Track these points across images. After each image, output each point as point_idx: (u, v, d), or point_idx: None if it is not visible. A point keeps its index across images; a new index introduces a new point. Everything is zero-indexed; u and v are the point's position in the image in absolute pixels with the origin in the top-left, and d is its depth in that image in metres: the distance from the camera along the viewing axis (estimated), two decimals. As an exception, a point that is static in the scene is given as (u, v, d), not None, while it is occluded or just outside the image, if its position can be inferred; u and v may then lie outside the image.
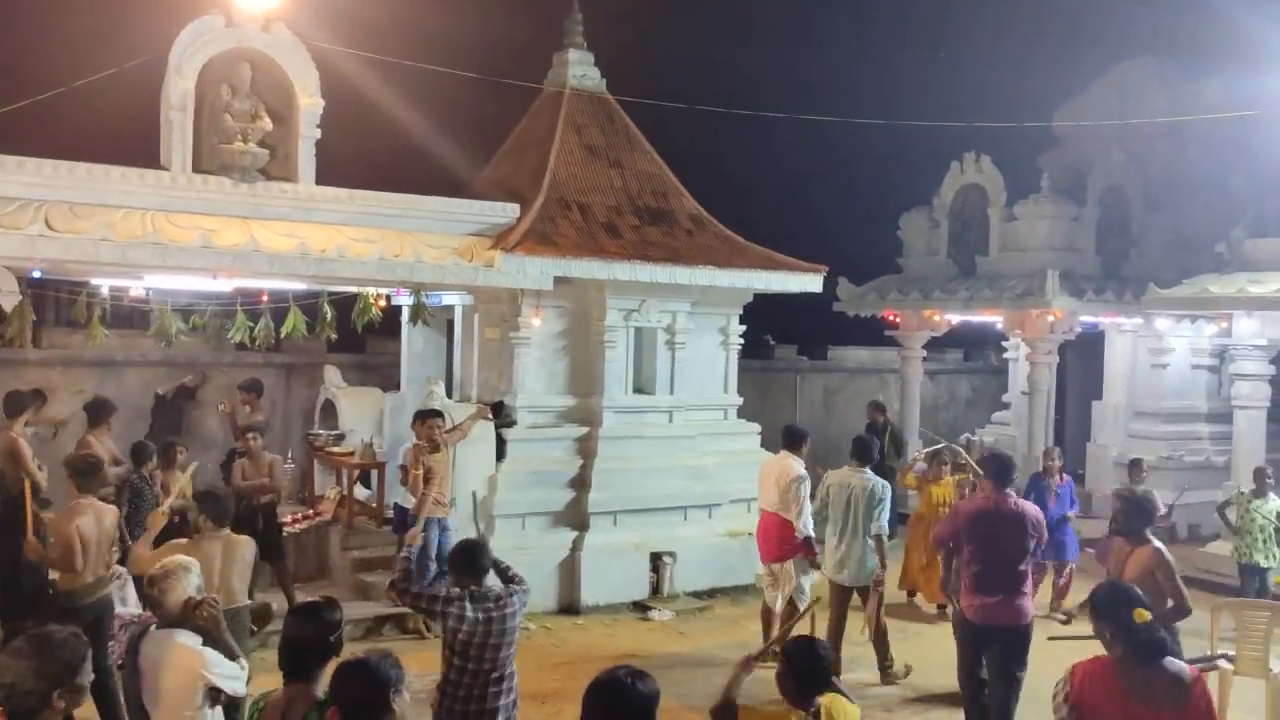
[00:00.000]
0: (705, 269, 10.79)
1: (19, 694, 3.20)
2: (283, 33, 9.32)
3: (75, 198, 8.37)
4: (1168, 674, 3.84)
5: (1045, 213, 14.31)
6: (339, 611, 4.05)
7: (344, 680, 3.30)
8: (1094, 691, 3.88)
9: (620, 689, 3.26)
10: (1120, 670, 3.87)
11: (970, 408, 19.32)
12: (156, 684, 4.41)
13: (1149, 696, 3.79)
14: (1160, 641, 3.88)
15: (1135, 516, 6.56)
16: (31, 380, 11.55)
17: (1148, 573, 6.20)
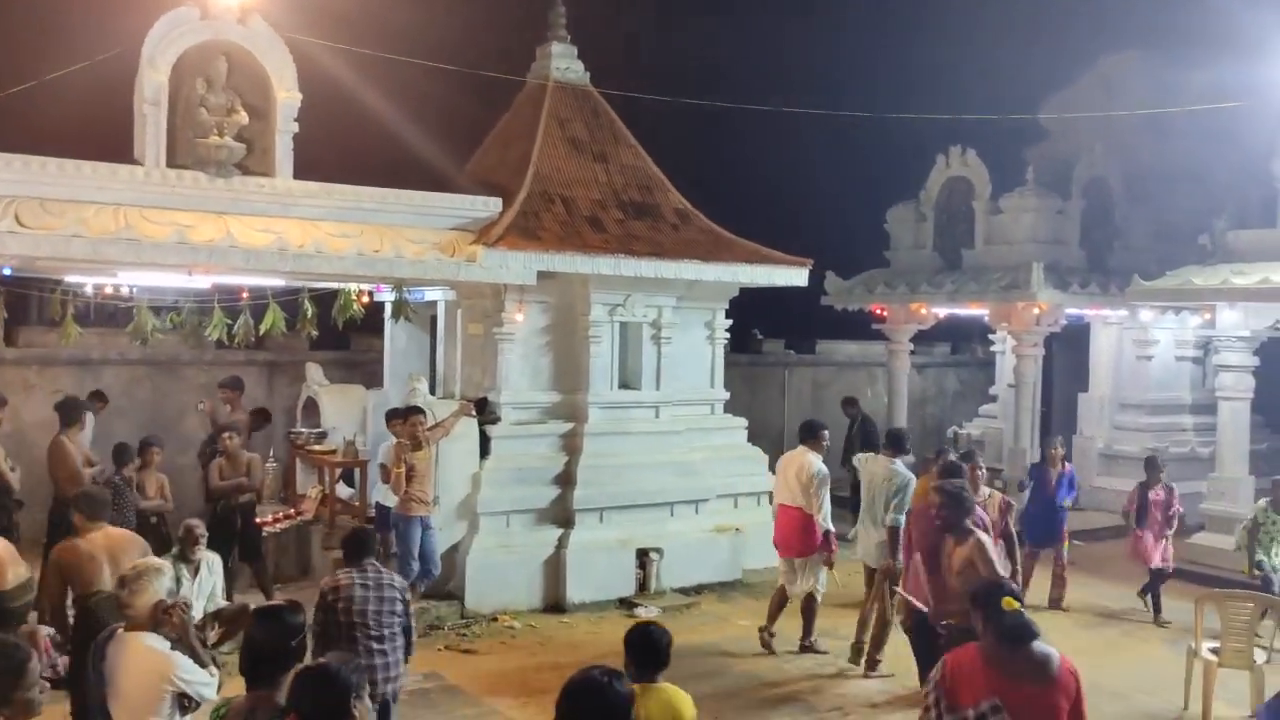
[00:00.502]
0: (690, 263, 10.70)
1: None
2: (259, 25, 9.17)
3: (46, 193, 8.20)
4: (1035, 655, 4.02)
5: (1030, 205, 14.28)
6: (302, 615, 3.93)
7: (303, 687, 3.19)
8: (963, 674, 4.07)
9: (596, 688, 3.21)
10: (988, 654, 4.07)
11: (958, 401, 19.30)
12: (122, 687, 4.30)
13: (1015, 674, 3.99)
14: (1027, 626, 4.04)
15: (955, 509, 6.39)
16: (7, 380, 11.42)
17: (969, 564, 6.24)
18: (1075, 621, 10.26)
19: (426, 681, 8.29)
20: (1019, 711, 3.93)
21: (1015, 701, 3.95)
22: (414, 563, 9.19)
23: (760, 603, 10.47)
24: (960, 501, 6.42)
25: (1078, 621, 10.29)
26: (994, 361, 17.28)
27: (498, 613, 9.82)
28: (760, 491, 11.80)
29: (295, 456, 11.45)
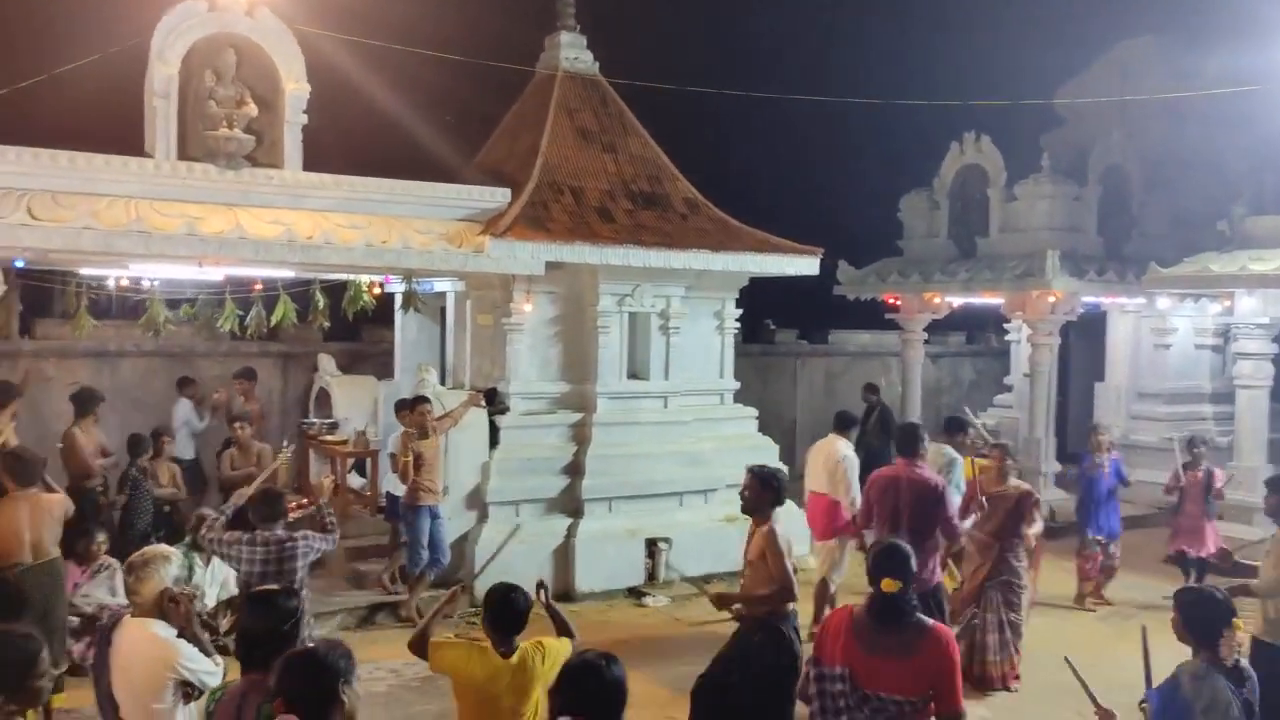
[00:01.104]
0: (699, 253, 10.68)
1: None
2: (267, 17, 9.21)
3: (58, 186, 8.28)
4: (900, 632, 4.16)
5: (1045, 192, 14.16)
6: (296, 600, 3.97)
7: (290, 672, 3.21)
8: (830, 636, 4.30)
9: (593, 670, 3.31)
10: (857, 622, 4.23)
11: (973, 390, 19.18)
12: (126, 674, 4.35)
13: (873, 645, 4.15)
14: (899, 605, 4.17)
15: (760, 492, 6.23)
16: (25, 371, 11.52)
17: (760, 554, 6.12)
18: (1097, 614, 10.20)
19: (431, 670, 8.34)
20: (868, 679, 4.11)
21: (864, 670, 4.13)
22: (423, 551, 9.25)
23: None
24: (767, 484, 6.21)
25: (1099, 613, 10.22)
26: (1009, 351, 17.16)
27: (507, 602, 9.85)
28: (771, 481, 11.78)
29: (308, 447, 11.53)
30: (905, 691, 4.10)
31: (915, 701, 4.11)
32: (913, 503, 7.27)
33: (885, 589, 4.17)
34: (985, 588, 7.98)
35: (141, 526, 8.82)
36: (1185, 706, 4.05)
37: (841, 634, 4.23)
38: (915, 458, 7.50)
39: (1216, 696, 4.03)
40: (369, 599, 9.59)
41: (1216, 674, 4.10)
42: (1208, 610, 4.27)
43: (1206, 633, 4.22)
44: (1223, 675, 4.11)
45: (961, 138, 15.14)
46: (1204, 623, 4.24)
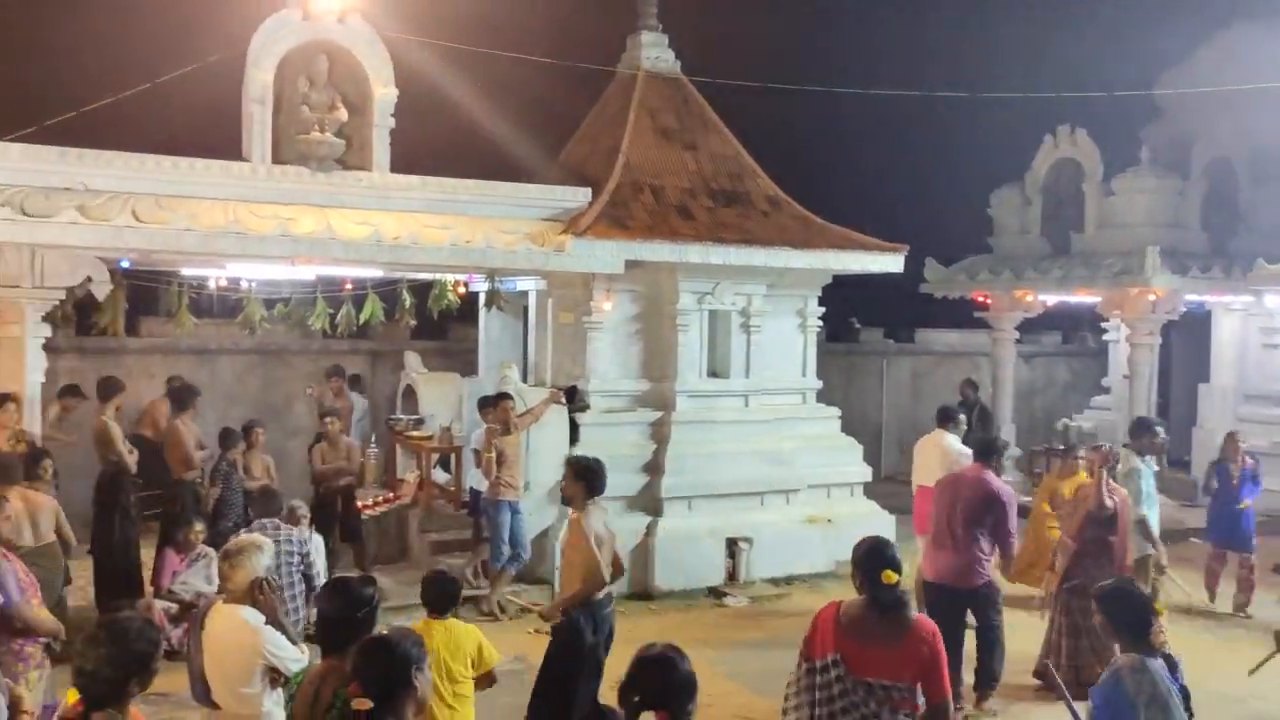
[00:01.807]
0: (780, 250, 10.64)
1: (98, 682, 3.30)
2: (358, 24, 9.47)
3: (161, 190, 8.65)
4: (891, 621, 4.29)
5: (1145, 186, 13.74)
6: (372, 589, 4.09)
7: (365, 657, 3.33)
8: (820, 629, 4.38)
9: (664, 662, 3.35)
10: (849, 613, 4.34)
11: (1069, 392, 18.69)
12: (217, 658, 4.53)
13: (865, 634, 4.28)
14: (899, 598, 4.31)
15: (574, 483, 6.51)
16: (130, 368, 12.08)
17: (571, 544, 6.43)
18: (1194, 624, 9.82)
19: (516, 663, 8.45)
20: (860, 667, 4.23)
21: (856, 658, 4.25)
22: (504, 546, 9.40)
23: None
24: (580, 474, 6.50)
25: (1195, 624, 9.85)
26: (1107, 351, 16.69)
27: (587, 597, 9.95)
28: (854, 482, 11.69)
29: (394, 442, 11.81)
30: (895, 677, 4.24)
31: (903, 687, 4.24)
32: (970, 505, 7.33)
33: (886, 581, 4.28)
34: (1062, 591, 7.77)
35: (233, 518, 9.14)
36: (1128, 702, 4.09)
37: (831, 627, 4.34)
38: (989, 464, 7.54)
39: (1157, 687, 4.09)
40: (452, 591, 9.75)
41: (1157, 667, 4.15)
42: (1131, 604, 4.32)
43: (1135, 626, 4.26)
44: (1160, 665, 4.16)
45: (1055, 131, 14.78)
46: (1131, 616, 4.28)
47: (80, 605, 8.86)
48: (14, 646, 5.27)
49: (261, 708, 4.53)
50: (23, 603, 5.28)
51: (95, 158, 8.49)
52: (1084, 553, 7.75)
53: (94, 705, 3.28)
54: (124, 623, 3.44)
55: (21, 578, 5.46)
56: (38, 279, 8.37)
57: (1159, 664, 4.18)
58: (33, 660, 5.50)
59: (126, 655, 3.33)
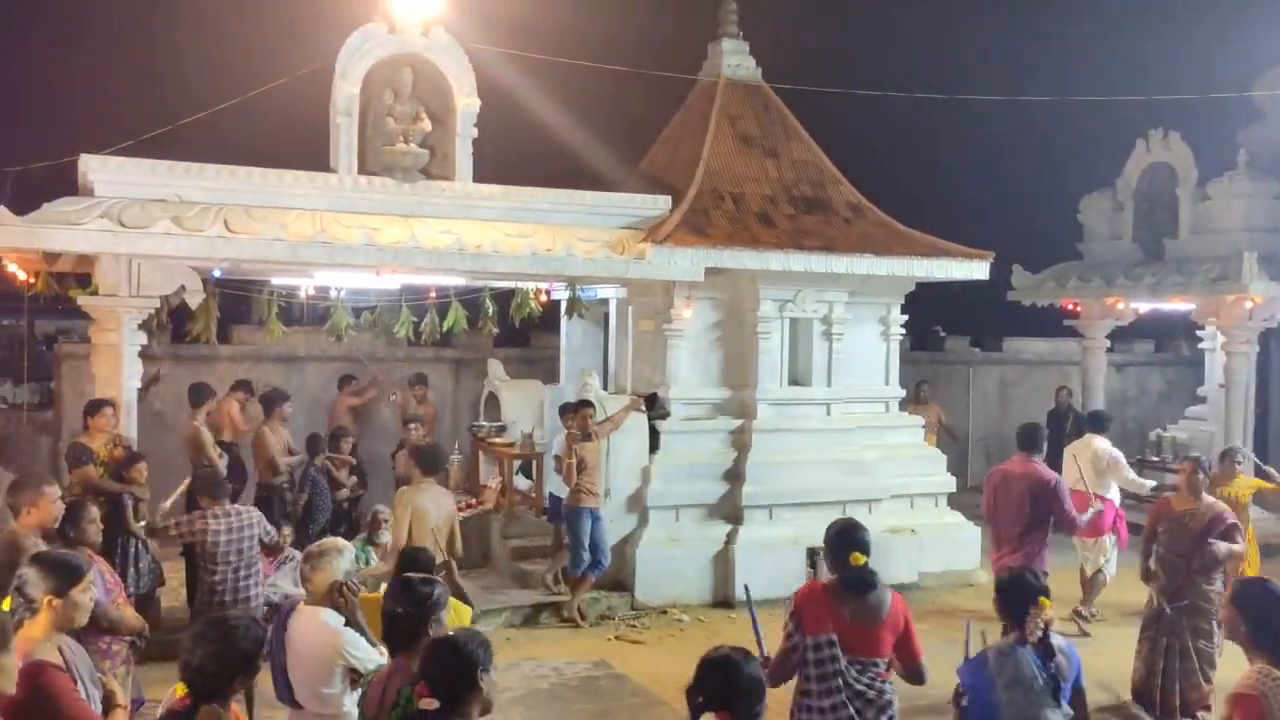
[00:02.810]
0: (862, 257, 10.51)
1: (206, 677, 3.44)
2: (441, 36, 9.63)
3: (251, 201, 8.88)
4: (871, 601, 4.65)
5: (1242, 190, 13.29)
6: (433, 588, 4.11)
7: (432, 658, 3.36)
8: (810, 610, 4.69)
9: (731, 664, 3.36)
10: (835, 595, 4.69)
11: (1163, 402, 18.12)
12: (299, 658, 4.60)
13: (853, 614, 4.64)
14: (868, 577, 4.66)
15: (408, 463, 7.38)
16: (221, 375, 12.37)
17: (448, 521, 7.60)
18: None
19: (595, 669, 8.49)
20: (850, 644, 4.63)
21: (848, 635, 4.64)
22: (584, 553, 9.42)
23: (936, 606, 10.21)
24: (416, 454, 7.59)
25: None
26: (1203, 360, 16.14)
27: (667, 605, 9.95)
28: (939, 493, 11.49)
29: (477, 449, 11.92)
30: (882, 653, 4.69)
31: (884, 661, 4.71)
32: (1025, 495, 7.66)
33: (854, 562, 4.65)
34: (1170, 611, 7.40)
35: (321, 522, 9.31)
36: (989, 680, 4.40)
37: (823, 607, 4.68)
38: (1033, 454, 7.85)
39: (1019, 670, 4.37)
40: (533, 598, 9.82)
41: (1021, 650, 4.41)
42: (1018, 591, 4.54)
43: (1015, 612, 4.50)
44: (1029, 651, 4.41)
45: (1147, 135, 14.37)
46: (1014, 603, 4.52)
47: (173, 606, 9.12)
48: (100, 645, 5.41)
49: (342, 708, 4.59)
50: (109, 603, 5.42)
51: (188, 170, 8.76)
52: (1193, 570, 7.37)
53: (201, 699, 3.42)
54: (232, 621, 3.59)
55: (107, 578, 5.61)
56: (134, 288, 8.62)
57: (1027, 651, 4.42)
58: (119, 658, 5.65)
59: (233, 652, 3.48)
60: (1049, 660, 4.42)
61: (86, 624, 4.20)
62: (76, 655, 4.07)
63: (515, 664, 8.39)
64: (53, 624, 3.97)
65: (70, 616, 4.02)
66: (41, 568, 4.05)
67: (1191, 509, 7.49)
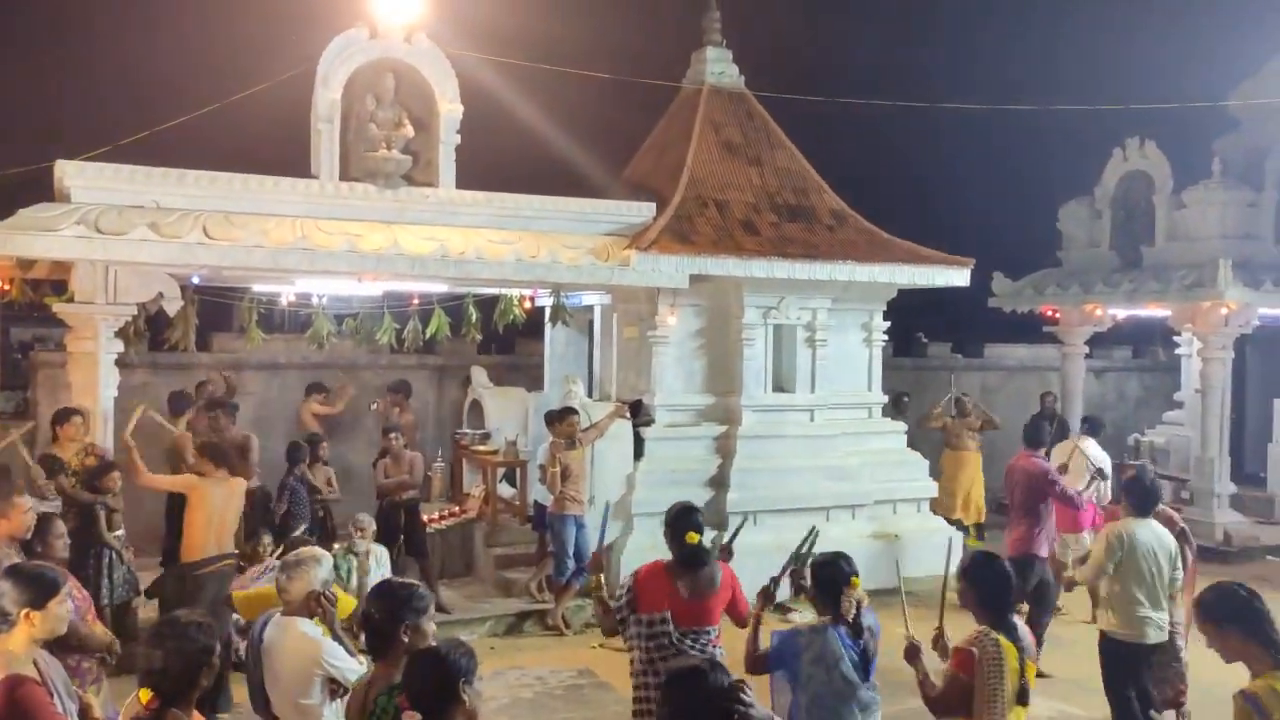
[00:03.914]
0: (845, 264, 10.55)
1: (169, 678, 3.43)
2: (423, 42, 9.58)
3: (231, 207, 8.80)
4: (704, 575, 5.23)
5: (1217, 199, 13.42)
6: (410, 590, 4.06)
7: (415, 668, 3.32)
8: (648, 588, 5.17)
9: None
10: (671, 572, 5.22)
11: (1140, 407, 18.26)
12: (276, 668, 4.53)
13: (687, 588, 5.18)
14: (701, 555, 5.25)
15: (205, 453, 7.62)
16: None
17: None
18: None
19: (580, 678, 8.45)
20: (684, 616, 5.14)
21: (683, 609, 5.14)
22: (569, 561, 9.38)
23: (919, 610, 10.17)
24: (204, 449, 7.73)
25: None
26: (1179, 365, 16.29)
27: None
28: (921, 498, 11.52)
29: (461, 456, 11.86)
30: (713, 622, 5.26)
31: (718, 628, 5.28)
32: (1022, 484, 8.53)
33: (689, 540, 5.22)
34: None
35: (300, 531, 9.22)
36: (796, 653, 4.74)
37: (661, 584, 5.17)
38: (1032, 448, 8.74)
39: (827, 648, 4.68)
40: (517, 607, 9.77)
41: (832, 630, 4.71)
42: (831, 574, 4.84)
43: (829, 593, 4.80)
44: (840, 629, 4.72)
45: (1124, 143, 14.50)
46: (828, 585, 4.82)
47: (151, 616, 8.99)
48: (70, 662, 5.31)
49: (322, 719, 4.52)
50: (78, 619, 5.33)
51: (166, 176, 8.66)
52: None
53: (167, 702, 3.41)
54: (184, 620, 3.58)
55: (76, 595, 5.52)
56: (110, 295, 8.50)
57: (838, 630, 4.73)
58: (89, 675, 5.55)
59: (193, 650, 3.48)
60: (858, 639, 4.76)
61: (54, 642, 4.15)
62: (52, 668, 4.01)
63: (499, 673, 8.34)
64: (30, 637, 3.91)
65: (50, 629, 3.98)
66: (17, 581, 3.98)
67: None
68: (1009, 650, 4.42)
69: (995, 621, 4.54)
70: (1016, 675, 4.41)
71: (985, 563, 4.78)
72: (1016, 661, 4.43)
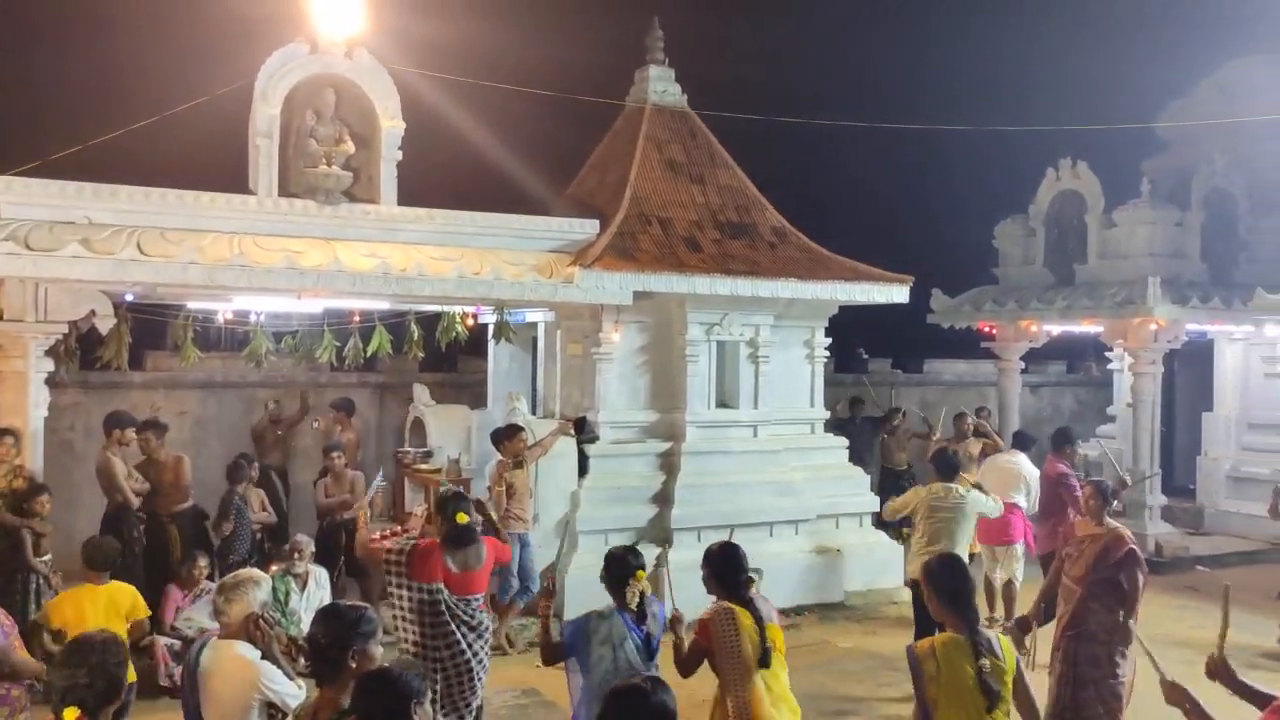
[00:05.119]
0: (787, 281, 10.65)
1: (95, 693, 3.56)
2: (365, 58, 9.51)
3: (166, 223, 8.64)
4: (472, 551, 6.06)
5: (1146, 218, 13.77)
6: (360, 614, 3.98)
7: (366, 690, 3.28)
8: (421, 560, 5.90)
9: (639, 694, 3.27)
10: (444, 549, 5.98)
11: (1075, 421, 18.58)
12: (212, 693, 4.43)
13: (462, 564, 5.99)
14: (466, 533, 6.01)
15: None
16: (135, 402, 12.00)
17: None
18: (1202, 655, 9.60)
19: (525, 698, 8.38)
20: (456, 586, 5.94)
21: (454, 580, 5.95)
22: (513, 579, 9.31)
23: (862, 625, 10.33)
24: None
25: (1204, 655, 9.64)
26: (1111, 380, 16.68)
27: (596, 631, 9.85)
28: (863, 512, 11.62)
29: (403, 475, 11.73)
30: (480, 590, 6.14)
31: (484, 594, 6.20)
32: (1046, 486, 9.52)
33: (459, 520, 5.96)
34: (1065, 638, 6.94)
35: (242, 551, 9.07)
36: (586, 636, 5.18)
37: (435, 559, 5.91)
38: (1055, 452, 9.71)
39: (612, 631, 5.15)
40: (460, 626, 9.65)
41: (618, 615, 5.21)
42: (620, 566, 5.33)
43: (617, 583, 5.29)
44: (625, 615, 5.21)
45: (1057, 164, 14.83)
46: (614, 577, 5.31)
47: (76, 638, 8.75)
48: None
49: None
50: (6, 646, 5.18)
51: (98, 191, 8.48)
52: (1090, 596, 6.92)
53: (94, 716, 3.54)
54: (90, 638, 3.77)
55: (3, 621, 5.37)
56: (41, 313, 8.32)
57: (625, 617, 5.21)
58: (18, 704, 5.40)
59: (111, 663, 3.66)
60: (641, 623, 5.25)
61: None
62: None
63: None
64: None
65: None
66: None
67: (1092, 534, 7.17)
68: (743, 616, 5.10)
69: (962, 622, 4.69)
70: (753, 635, 5.06)
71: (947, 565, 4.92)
72: (753, 627, 5.08)
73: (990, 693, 4.38)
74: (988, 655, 4.45)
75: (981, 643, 4.49)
